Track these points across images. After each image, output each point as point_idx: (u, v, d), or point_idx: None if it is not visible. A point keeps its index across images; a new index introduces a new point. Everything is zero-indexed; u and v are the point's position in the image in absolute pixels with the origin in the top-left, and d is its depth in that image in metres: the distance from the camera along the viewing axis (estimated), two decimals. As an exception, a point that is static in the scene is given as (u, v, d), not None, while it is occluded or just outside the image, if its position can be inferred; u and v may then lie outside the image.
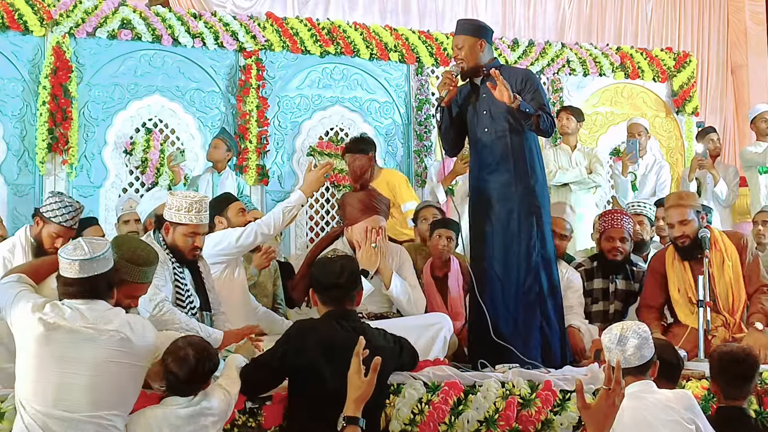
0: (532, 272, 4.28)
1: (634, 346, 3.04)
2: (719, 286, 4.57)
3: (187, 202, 3.83)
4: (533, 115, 4.25)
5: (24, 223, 5.10)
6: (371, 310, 4.32)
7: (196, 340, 3.10)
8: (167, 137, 6.72)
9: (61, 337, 2.82)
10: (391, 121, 7.38)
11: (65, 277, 2.92)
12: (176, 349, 3.02)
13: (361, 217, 4.32)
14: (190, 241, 3.85)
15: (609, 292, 5.12)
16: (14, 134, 6.32)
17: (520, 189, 4.33)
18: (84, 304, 2.90)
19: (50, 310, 2.85)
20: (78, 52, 6.45)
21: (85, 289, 2.91)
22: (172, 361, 3.00)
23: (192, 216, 3.82)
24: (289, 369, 3.19)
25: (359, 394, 2.93)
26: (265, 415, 3.33)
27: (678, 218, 4.63)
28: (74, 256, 2.90)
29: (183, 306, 3.81)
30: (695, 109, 8.32)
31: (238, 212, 4.60)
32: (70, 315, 2.86)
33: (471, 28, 4.46)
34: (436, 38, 7.55)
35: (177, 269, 3.86)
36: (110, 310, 2.95)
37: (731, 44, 10.24)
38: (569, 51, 7.97)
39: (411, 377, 3.65)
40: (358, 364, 2.94)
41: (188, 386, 3.00)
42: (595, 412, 2.72)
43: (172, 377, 3.00)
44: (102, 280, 2.94)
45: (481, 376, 3.81)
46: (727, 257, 4.63)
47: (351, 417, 2.92)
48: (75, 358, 2.81)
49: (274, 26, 7.03)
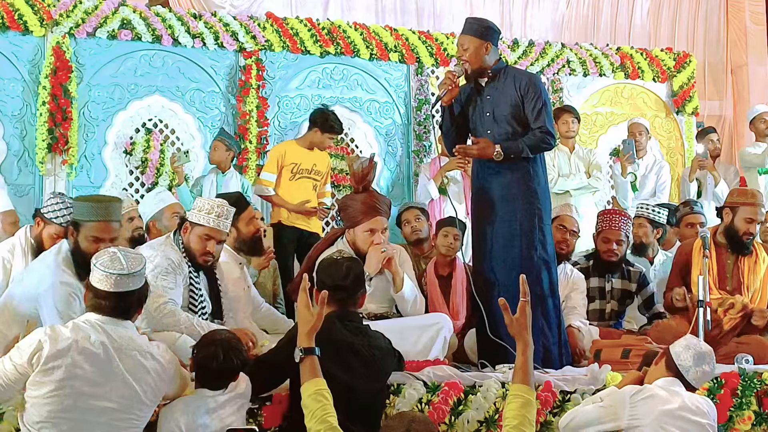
0: (533, 273, 4.29)
1: (712, 366, 3.39)
2: (749, 279, 4.71)
3: (209, 204, 3.86)
4: (521, 156, 4.27)
5: (24, 223, 5.10)
6: (371, 310, 4.32)
7: (225, 337, 3.14)
8: (167, 137, 6.71)
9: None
10: (391, 121, 7.38)
11: (98, 289, 2.90)
12: (206, 345, 3.08)
13: (363, 218, 4.29)
14: (203, 245, 3.83)
15: (605, 292, 5.15)
16: (14, 134, 6.32)
17: (522, 191, 4.33)
18: (111, 325, 2.89)
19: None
20: (78, 53, 6.45)
21: (119, 306, 2.91)
22: (202, 358, 3.05)
23: (211, 218, 3.82)
24: (293, 370, 3.19)
25: (310, 326, 3.02)
26: (265, 416, 3.34)
27: (760, 218, 4.82)
28: (112, 270, 2.88)
29: (195, 311, 3.80)
30: (695, 109, 8.32)
31: (248, 221, 4.39)
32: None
33: (478, 29, 4.40)
34: (436, 38, 7.54)
35: (192, 273, 3.85)
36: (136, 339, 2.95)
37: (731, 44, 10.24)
38: (569, 51, 7.97)
39: (411, 377, 3.65)
40: (306, 299, 3.02)
41: (218, 382, 3.06)
42: (516, 325, 3.01)
43: (202, 373, 3.06)
44: (134, 297, 2.94)
45: (481, 376, 3.82)
46: (761, 260, 4.78)
47: (308, 348, 2.99)
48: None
49: (274, 26, 7.03)
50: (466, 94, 4.50)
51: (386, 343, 3.40)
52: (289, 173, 6.14)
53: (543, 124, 4.31)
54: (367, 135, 7.30)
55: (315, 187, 6.22)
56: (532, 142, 4.29)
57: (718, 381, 4.06)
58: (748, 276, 4.69)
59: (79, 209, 3.76)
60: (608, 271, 5.14)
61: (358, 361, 3.09)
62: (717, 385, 4.04)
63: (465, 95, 4.50)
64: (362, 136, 7.28)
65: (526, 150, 4.27)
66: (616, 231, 5.09)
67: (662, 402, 3.23)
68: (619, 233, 5.09)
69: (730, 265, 4.73)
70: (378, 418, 3.35)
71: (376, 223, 4.29)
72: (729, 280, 4.71)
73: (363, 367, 3.12)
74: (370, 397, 3.23)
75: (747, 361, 4.23)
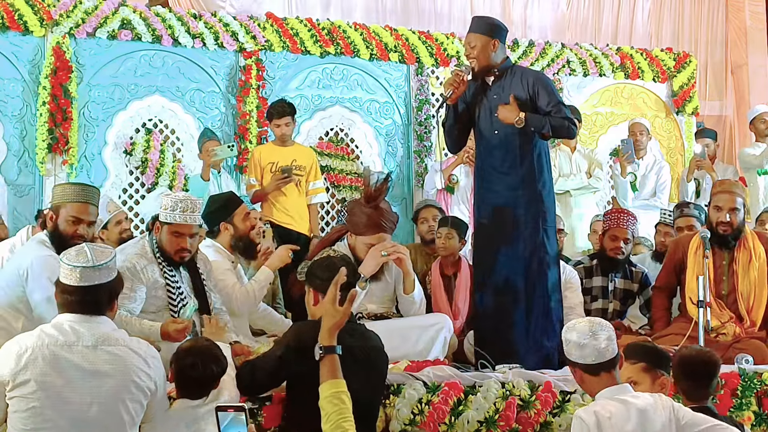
0: (536, 274, 4.29)
1: (606, 338, 2.95)
2: (742, 284, 4.60)
3: (173, 201, 3.83)
4: (541, 131, 4.25)
5: (24, 223, 5.11)
6: (371, 310, 4.32)
7: (202, 345, 3.08)
8: (167, 137, 6.72)
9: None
10: (391, 121, 7.38)
11: (64, 284, 2.82)
12: (183, 355, 3.01)
13: (367, 232, 4.23)
14: (175, 242, 3.80)
15: (608, 291, 5.17)
16: (14, 134, 6.32)
17: (528, 192, 4.32)
18: (84, 323, 2.79)
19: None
20: (78, 53, 6.45)
21: (85, 300, 2.80)
22: (180, 368, 2.99)
23: (176, 215, 3.80)
24: (289, 372, 3.18)
25: (334, 322, 2.92)
26: (265, 416, 3.34)
27: (730, 204, 4.60)
28: (76, 263, 2.80)
29: (174, 308, 3.78)
30: (695, 109, 8.33)
31: (244, 218, 4.41)
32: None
33: (485, 27, 4.40)
34: (436, 38, 7.54)
35: (167, 271, 3.81)
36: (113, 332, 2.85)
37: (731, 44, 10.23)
38: (569, 51, 7.97)
39: (411, 377, 3.65)
40: (334, 294, 2.94)
41: (198, 389, 3.01)
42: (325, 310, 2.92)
43: (182, 383, 3.02)
44: (103, 290, 2.83)
45: (481, 376, 3.82)
46: (755, 257, 4.65)
47: (328, 346, 2.90)
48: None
49: (274, 26, 7.03)
50: (471, 92, 4.47)
51: (380, 343, 3.39)
52: (269, 173, 6.20)
53: (564, 115, 4.32)
54: (367, 135, 7.30)
55: (298, 183, 6.26)
56: (556, 123, 4.29)
57: (718, 381, 4.05)
58: (743, 281, 4.60)
59: (58, 192, 3.84)
60: (612, 270, 5.15)
61: (354, 362, 3.08)
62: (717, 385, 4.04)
63: (470, 93, 4.47)
64: (362, 136, 7.28)
65: (548, 127, 4.26)
66: (623, 229, 5.13)
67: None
68: (626, 231, 5.13)
69: (725, 267, 4.67)
70: (374, 419, 3.35)
71: (378, 239, 4.23)
72: (724, 284, 4.65)
73: (359, 368, 3.11)
74: (367, 398, 3.22)
75: (747, 361, 4.22)
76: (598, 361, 2.93)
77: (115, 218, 5.26)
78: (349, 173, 7.13)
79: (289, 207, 6.23)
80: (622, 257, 5.13)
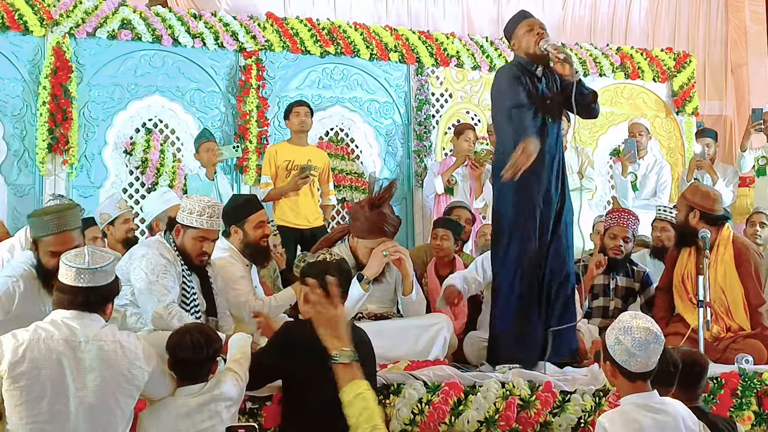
0: (567, 270, 4.33)
1: (656, 352, 2.90)
2: (713, 287, 4.61)
3: (200, 206, 3.82)
4: (591, 92, 4.33)
5: (24, 223, 5.09)
6: (372, 310, 4.32)
7: (192, 326, 3.14)
8: (167, 137, 6.72)
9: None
10: (391, 121, 7.39)
11: (61, 283, 2.88)
12: (176, 338, 3.06)
13: (368, 236, 4.24)
14: (199, 246, 3.82)
15: (609, 289, 5.19)
16: (14, 134, 6.32)
17: (560, 193, 4.35)
18: (77, 319, 2.84)
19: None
20: (78, 53, 6.45)
21: (77, 300, 2.85)
22: (174, 350, 3.04)
23: (203, 220, 3.80)
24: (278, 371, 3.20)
25: (328, 327, 2.36)
26: (265, 416, 3.34)
27: (623, 234, 5.07)
28: (73, 263, 2.85)
29: (187, 309, 3.80)
30: (695, 109, 8.33)
31: (256, 225, 4.22)
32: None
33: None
34: (436, 38, 7.55)
35: (185, 272, 3.83)
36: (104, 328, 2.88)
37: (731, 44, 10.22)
38: (569, 51, 7.95)
39: (411, 377, 3.65)
40: (320, 299, 2.38)
41: (195, 370, 3.04)
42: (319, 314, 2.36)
43: (179, 366, 3.04)
44: (97, 293, 2.87)
45: (481, 376, 3.82)
46: (720, 261, 4.70)
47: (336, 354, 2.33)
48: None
49: (274, 26, 7.03)
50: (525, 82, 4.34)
51: (367, 338, 3.37)
52: (285, 171, 6.17)
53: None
54: (367, 135, 7.30)
55: (312, 184, 6.23)
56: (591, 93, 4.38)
57: (718, 381, 4.06)
58: (713, 284, 4.60)
59: (33, 226, 3.55)
60: (613, 268, 5.18)
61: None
62: (717, 385, 4.05)
63: (527, 81, 4.34)
64: (362, 136, 7.29)
65: (590, 95, 4.35)
66: (624, 228, 5.15)
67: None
68: (626, 230, 5.15)
69: (702, 268, 4.65)
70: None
71: (378, 243, 4.23)
72: (692, 283, 4.69)
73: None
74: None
75: (747, 361, 4.23)
76: (640, 371, 2.91)
77: (123, 216, 5.28)
78: (349, 173, 7.13)
79: (302, 207, 6.16)
80: (621, 256, 5.15)
